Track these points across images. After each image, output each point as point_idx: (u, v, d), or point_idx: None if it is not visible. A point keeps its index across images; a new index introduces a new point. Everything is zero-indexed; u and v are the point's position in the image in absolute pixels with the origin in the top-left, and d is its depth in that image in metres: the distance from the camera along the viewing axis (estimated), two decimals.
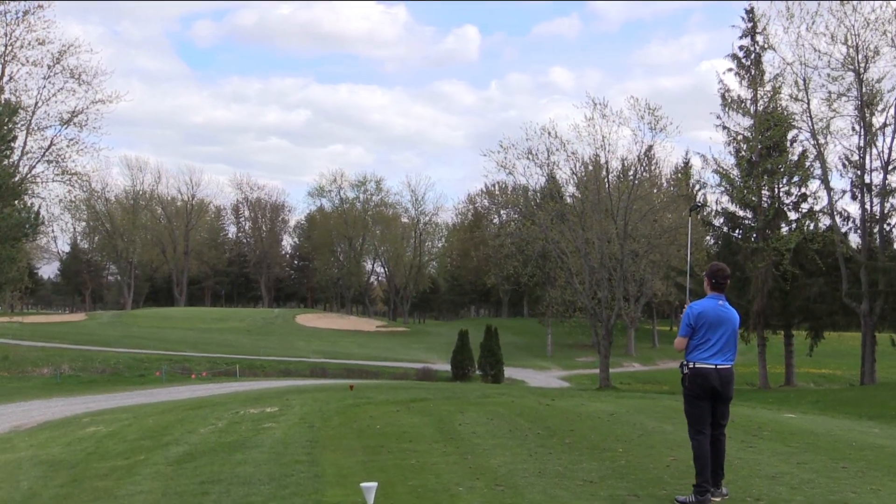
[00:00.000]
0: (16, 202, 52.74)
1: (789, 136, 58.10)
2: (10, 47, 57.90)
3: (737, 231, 61.17)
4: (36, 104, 59.41)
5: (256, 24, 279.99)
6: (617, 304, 59.40)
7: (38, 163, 60.08)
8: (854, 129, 53.74)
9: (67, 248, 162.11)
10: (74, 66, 60.01)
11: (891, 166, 52.79)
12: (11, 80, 58.53)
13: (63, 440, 20.33)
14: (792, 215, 59.52)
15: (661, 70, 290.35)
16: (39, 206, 56.48)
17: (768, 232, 57.26)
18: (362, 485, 8.76)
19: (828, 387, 62.98)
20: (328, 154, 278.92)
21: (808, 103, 54.61)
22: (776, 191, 58.91)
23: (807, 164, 57.49)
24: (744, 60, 58.89)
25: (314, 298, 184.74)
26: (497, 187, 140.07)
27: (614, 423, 16.73)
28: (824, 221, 57.89)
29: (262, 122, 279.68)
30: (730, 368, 9.54)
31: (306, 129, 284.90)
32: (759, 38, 58.61)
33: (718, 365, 9.42)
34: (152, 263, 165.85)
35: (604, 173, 63.30)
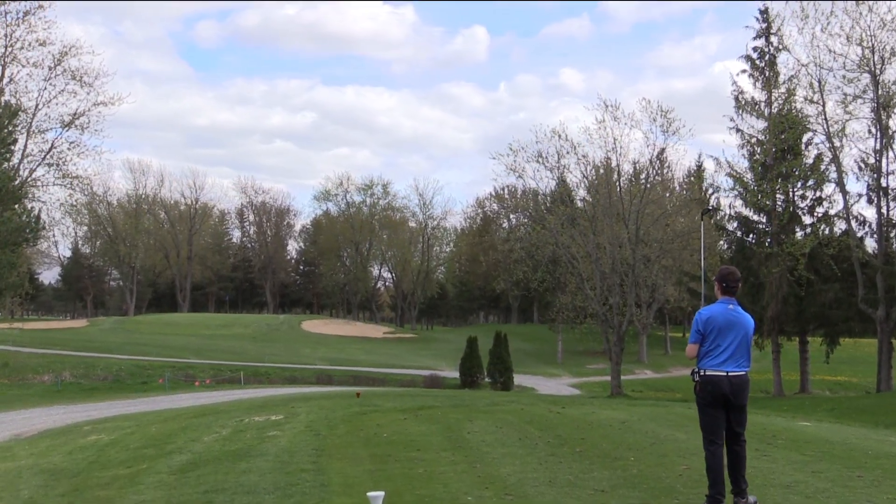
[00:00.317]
0: (16, 206, 52.79)
1: (804, 139, 57.84)
2: (10, 48, 57.94)
3: (750, 236, 61.04)
4: (36, 106, 59.42)
5: (261, 25, 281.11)
6: (629, 310, 59.29)
7: (38, 166, 60.06)
8: (870, 131, 53.61)
9: (69, 253, 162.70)
10: (76, 68, 60.01)
11: None
12: (12, 82, 58.56)
13: (64, 448, 20.36)
14: (807, 219, 59.35)
15: (673, 72, 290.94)
16: (40, 210, 56.50)
17: (783, 236, 57.12)
18: (369, 494, 8.77)
19: (843, 394, 62.87)
20: (334, 157, 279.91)
21: (823, 105, 54.54)
22: (791, 195, 58.72)
23: (822, 168, 57.30)
24: (758, 62, 58.72)
25: (320, 304, 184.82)
26: (506, 191, 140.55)
27: (626, 431, 16.71)
28: (840, 226, 57.76)
29: (266, 124, 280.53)
30: (743, 375, 9.44)
31: (312, 131, 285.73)
32: (774, 39, 58.50)
33: (730, 372, 9.34)
34: (155, 268, 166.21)
35: (615, 177, 63.20)
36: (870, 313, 54.23)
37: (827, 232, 57.77)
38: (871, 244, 56.15)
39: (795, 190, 58.79)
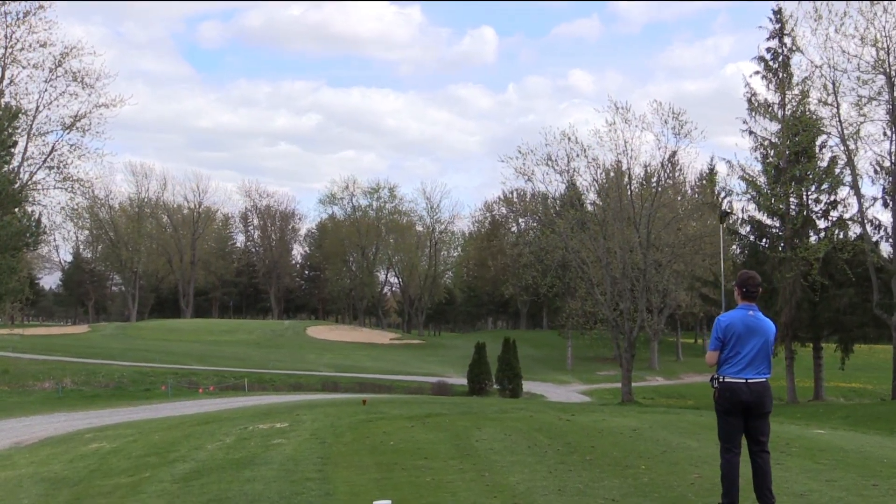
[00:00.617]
0: (16, 210, 52.89)
1: (818, 142, 57.67)
2: (10, 49, 58.04)
3: (763, 240, 60.87)
4: (37, 108, 59.52)
5: (265, 26, 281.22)
6: (640, 316, 59.25)
7: (39, 169, 60.17)
8: (885, 134, 53.45)
9: (70, 258, 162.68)
10: (77, 69, 60.08)
11: None
12: (12, 84, 58.64)
13: (65, 457, 20.40)
14: (821, 223, 59.15)
15: (685, 73, 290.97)
16: (40, 214, 56.64)
17: (796, 241, 56.97)
18: (376, 503, 8.78)
19: (858, 401, 62.81)
20: (340, 160, 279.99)
21: (837, 108, 54.43)
22: (804, 198, 58.56)
23: (836, 171, 57.17)
24: (771, 63, 58.53)
25: (325, 310, 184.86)
26: (515, 195, 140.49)
27: (637, 439, 16.71)
28: (854, 230, 57.52)
29: (271, 126, 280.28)
30: (763, 382, 9.43)
31: (317, 134, 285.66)
32: (787, 40, 58.32)
33: (749, 379, 9.34)
34: (158, 273, 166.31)
35: (626, 180, 63.13)
36: (885, 319, 54.12)
37: (841, 236, 57.53)
38: (886, 248, 56.06)
39: (809, 193, 58.63)
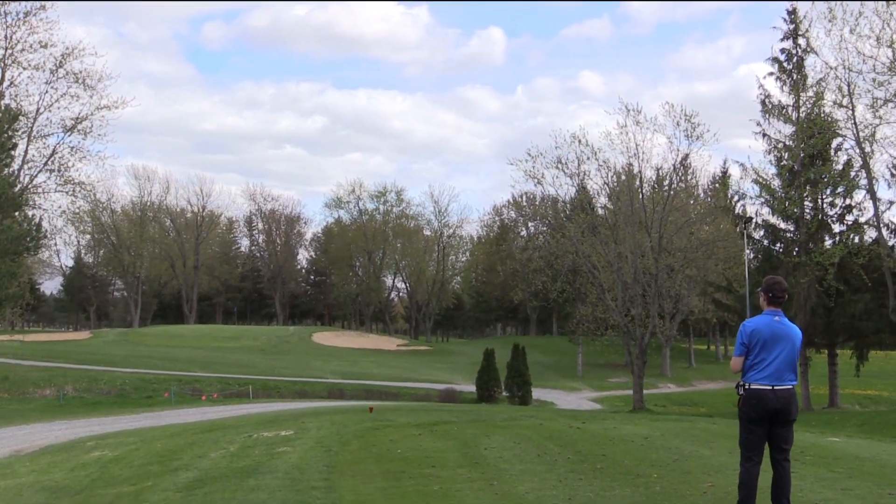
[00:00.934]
0: (16, 214, 53.01)
1: (833, 145, 57.56)
2: (10, 50, 58.06)
3: (778, 244, 60.71)
4: (37, 110, 59.55)
5: (270, 26, 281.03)
6: (651, 322, 59.26)
7: (39, 172, 60.21)
8: None
9: (71, 263, 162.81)
10: (78, 71, 60.01)
11: None
12: (12, 85, 58.66)
13: (66, 465, 20.44)
14: (836, 228, 58.99)
15: (697, 74, 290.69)
16: (41, 218, 56.65)
17: (811, 245, 56.90)
18: None
19: (874, 409, 62.61)
20: (346, 163, 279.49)
21: (852, 110, 54.20)
22: (819, 202, 58.45)
23: (852, 174, 57.08)
24: (785, 64, 58.38)
25: (331, 315, 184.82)
26: (525, 198, 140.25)
27: (648, 447, 16.70)
28: (870, 234, 57.44)
29: (275, 129, 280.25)
30: (789, 389, 9.42)
31: (323, 136, 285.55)
32: (802, 41, 58.19)
33: (775, 386, 9.33)
34: (161, 278, 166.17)
35: (637, 183, 63.16)
36: None
37: (857, 240, 57.45)
38: None
39: (824, 197, 58.49)
